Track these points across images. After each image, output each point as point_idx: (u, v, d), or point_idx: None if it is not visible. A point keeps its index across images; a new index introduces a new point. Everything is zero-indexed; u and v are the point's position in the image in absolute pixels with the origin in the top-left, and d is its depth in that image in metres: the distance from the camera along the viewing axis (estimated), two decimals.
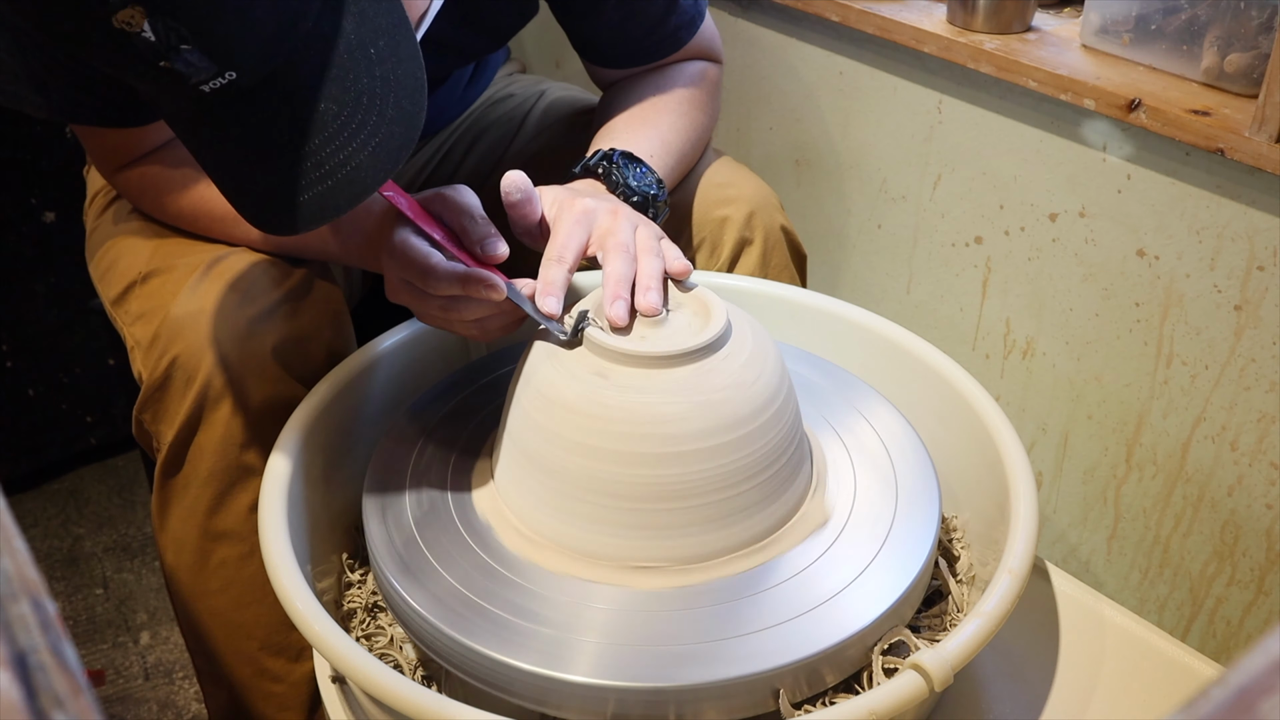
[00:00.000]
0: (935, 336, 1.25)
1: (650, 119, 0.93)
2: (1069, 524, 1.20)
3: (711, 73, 1.01)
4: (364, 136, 0.63)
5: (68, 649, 0.24)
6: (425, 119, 0.65)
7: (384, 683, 0.60)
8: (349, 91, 0.62)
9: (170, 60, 0.57)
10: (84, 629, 1.39)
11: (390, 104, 0.63)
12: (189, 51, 0.57)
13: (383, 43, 0.63)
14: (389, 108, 0.63)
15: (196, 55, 0.57)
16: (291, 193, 0.63)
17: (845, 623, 0.65)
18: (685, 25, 0.96)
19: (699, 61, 1.01)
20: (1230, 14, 0.93)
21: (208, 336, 0.80)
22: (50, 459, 1.59)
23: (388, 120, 0.63)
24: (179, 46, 0.56)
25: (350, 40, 0.62)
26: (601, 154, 0.86)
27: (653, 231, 0.77)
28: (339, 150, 0.63)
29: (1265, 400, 0.98)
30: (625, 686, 0.61)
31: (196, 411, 0.80)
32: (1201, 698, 0.23)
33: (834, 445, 0.80)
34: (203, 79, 0.59)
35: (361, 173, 0.63)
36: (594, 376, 0.69)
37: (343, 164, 0.63)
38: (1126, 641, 0.80)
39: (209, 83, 0.59)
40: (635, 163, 0.86)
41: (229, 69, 0.59)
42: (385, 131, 0.63)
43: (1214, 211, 0.97)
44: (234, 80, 0.60)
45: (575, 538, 0.69)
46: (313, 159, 0.62)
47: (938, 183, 1.20)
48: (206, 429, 0.81)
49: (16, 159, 1.39)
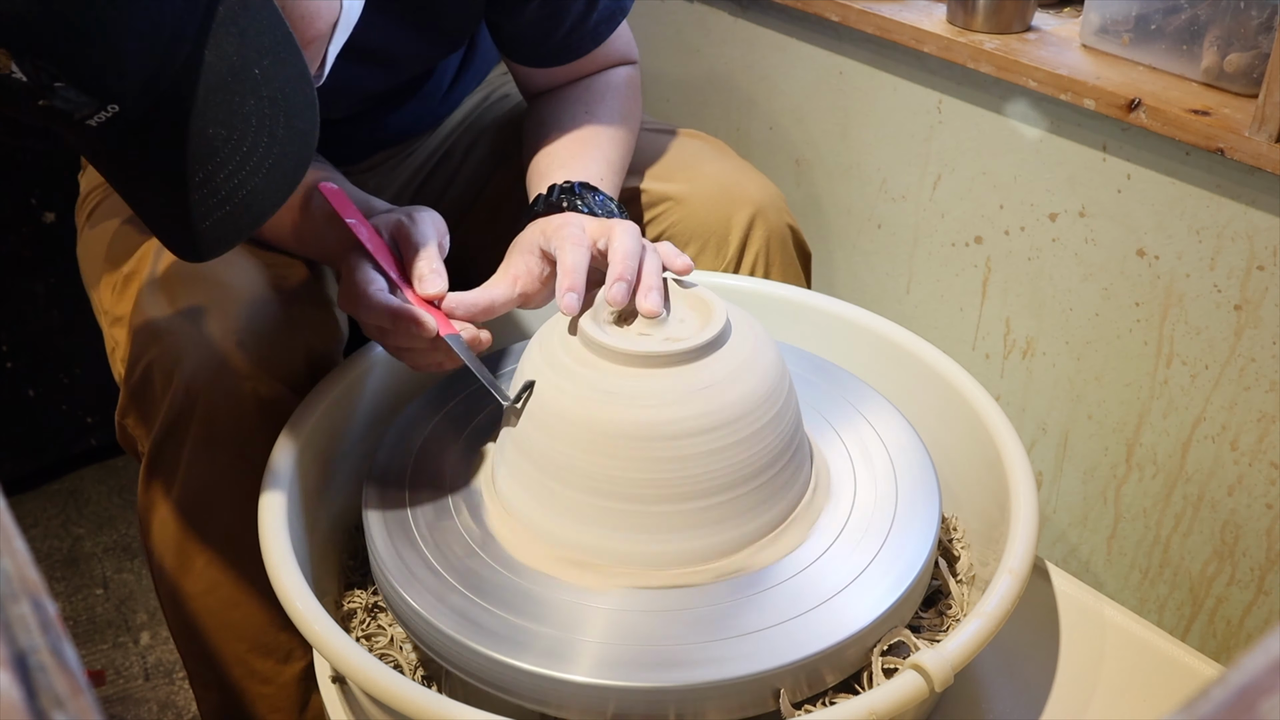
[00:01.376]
0: (935, 336, 1.25)
1: (591, 140, 0.93)
2: (1069, 524, 1.20)
3: (635, 77, 1.02)
4: (256, 159, 0.62)
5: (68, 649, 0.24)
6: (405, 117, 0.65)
7: (384, 683, 0.60)
8: (236, 114, 0.62)
9: (48, 98, 0.56)
10: (84, 629, 1.39)
11: (280, 124, 0.62)
12: (64, 88, 0.56)
13: (267, 62, 0.62)
14: (279, 128, 0.62)
15: (73, 91, 0.56)
16: (193, 220, 0.63)
17: (845, 623, 0.65)
18: (605, 21, 0.96)
19: (621, 68, 1.01)
20: (1230, 14, 0.93)
21: (183, 339, 0.79)
22: (50, 459, 1.59)
23: (279, 140, 0.62)
24: (52, 85, 0.56)
25: (233, 63, 0.61)
26: (559, 188, 0.84)
27: (635, 231, 0.77)
28: (233, 175, 0.62)
29: (1265, 400, 0.98)
30: (626, 686, 0.61)
31: (175, 414, 0.80)
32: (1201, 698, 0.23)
33: (834, 445, 0.80)
34: (85, 114, 0.58)
35: (258, 196, 0.62)
36: (594, 376, 0.69)
37: (238, 188, 0.62)
38: (1126, 641, 0.80)
39: (93, 117, 0.59)
40: (592, 191, 0.84)
41: (109, 102, 0.58)
42: (278, 152, 0.62)
43: (1214, 211, 0.97)
44: (118, 113, 0.59)
45: (575, 538, 0.69)
46: (208, 186, 0.62)
47: (938, 183, 1.20)
48: (186, 431, 0.80)
49: (16, 159, 1.39)
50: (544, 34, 0.94)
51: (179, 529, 0.83)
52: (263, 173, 0.62)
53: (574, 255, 0.74)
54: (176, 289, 0.82)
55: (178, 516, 0.83)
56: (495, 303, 0.77)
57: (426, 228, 0.77)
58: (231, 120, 0.62)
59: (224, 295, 0.82)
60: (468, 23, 0.95)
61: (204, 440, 0.80)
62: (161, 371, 0.80)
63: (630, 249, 0.73)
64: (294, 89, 0.63)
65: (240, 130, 0.62)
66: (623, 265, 0.72)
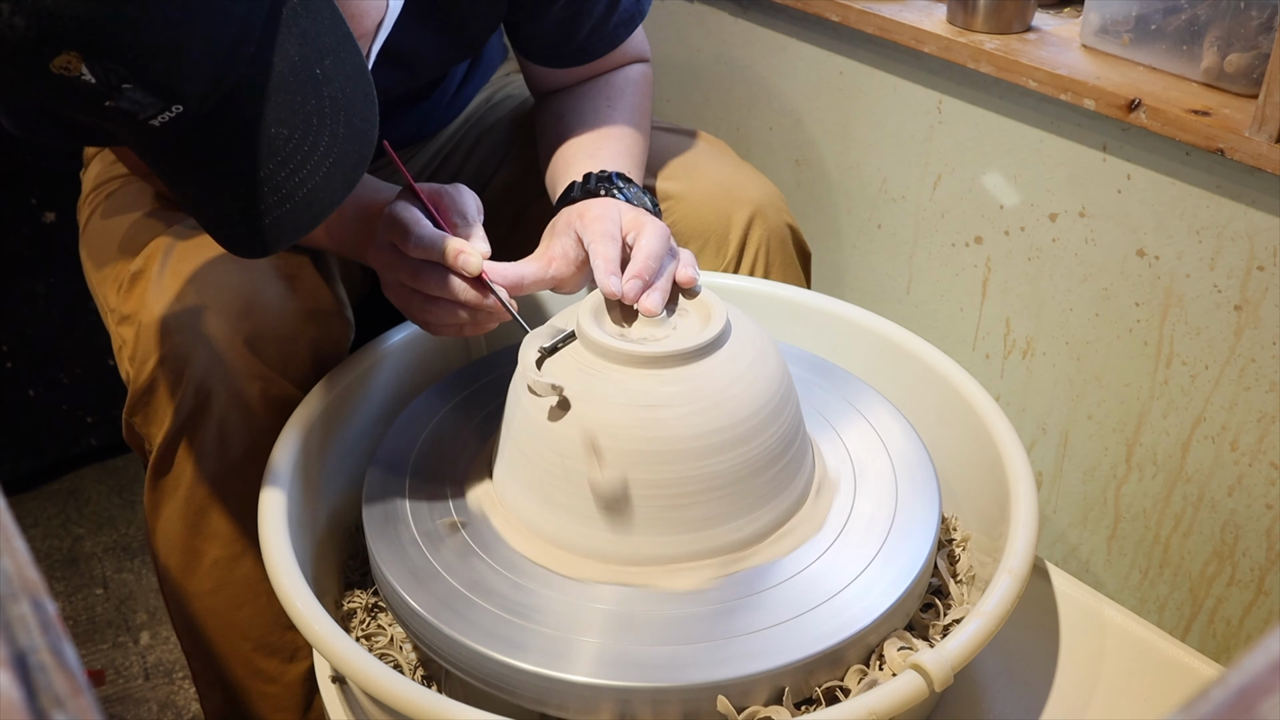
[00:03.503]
0: (935, 336, 1.25)
1: (614, 134, 0.93)
2: (1069, 524, 1.20)
3: (649, 74, 1.03)
4: (317, 158, 0.63)
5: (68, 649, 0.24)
6: (415, 119, 0.65)
7: (384, 683, 0.60)
8: (298, 114, 0.62)
9: (114, 99, 0.57)
10: (84, 629, 1.39)
11: (341, 123, 0.63)
12: (131, 90, 0.57)
13: (328, 61, 0.63)
14: (340, 126, 0.63)
15: (139, 93, 0.57)
16: (253, 217, 0.63)
17: (845, 623, 0.65)
18: (625, 23, 0.96)
19: (636, 65, 1.01)
20: (1230, 14, 0.93)
21: (192, 338, 0.80)
22: (50, 459, 1.59)
23: (340, 139, 0.63)
24: (120, 86, 0.56)
25: (294, 62, 0.62)
26: (596, 176, 0.84)
27: (668, 234, 0.78)
28: (294, 174, 0.62)
29: (1265, 400, 0.98)
30: (625, 686, 0.61)
31: (184, 414, 0.80)
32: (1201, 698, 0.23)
33: (834, 445, 0.80)
34: (149, 114, 0.59)
35: (319, 194, 0.63)
36: (594, 376, 0.69)
37: (299, 186, 0.63)
38: (1126, 641, 0.80)
39: (157, 117, 0.59)
40: (628, 182, 0.85)
41: (174, 103, 0.59)
42: (339, 151, 0.63)
43: (1214, 211, 0.97)
44: (181, 113, 0.59)
45: (575, 537, 0.69)
46: (269, 184, 0.62)
47: (938, 183, 1.20)
48: (195, 430, 0.80)
49: (16, 159, 1.39)
50: (564, 36, 0.95)
51: (185, 528, 0.83)
52: (324, 171, 0.63)
53: (606, 248, 0.75)
54: (185, 288, 0.82)
55: (184, 515, 0.83)
56: (525, 278, 0.76)
57: (469, 196, 0.78)
58: (293, 119, 0.62)
59: (232, 295, 0.82)
60: (489, 27, 0.96)
61: (213, 441, 0.80)
62: (171, 371, 0.80)
63: (656, 250, 0.74)
64: (354, 87, 0.63)
65: (302, 129, 0.62)
66: (643, 264, 0.73)
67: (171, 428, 0.80)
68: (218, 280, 0.83)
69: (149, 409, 0.82)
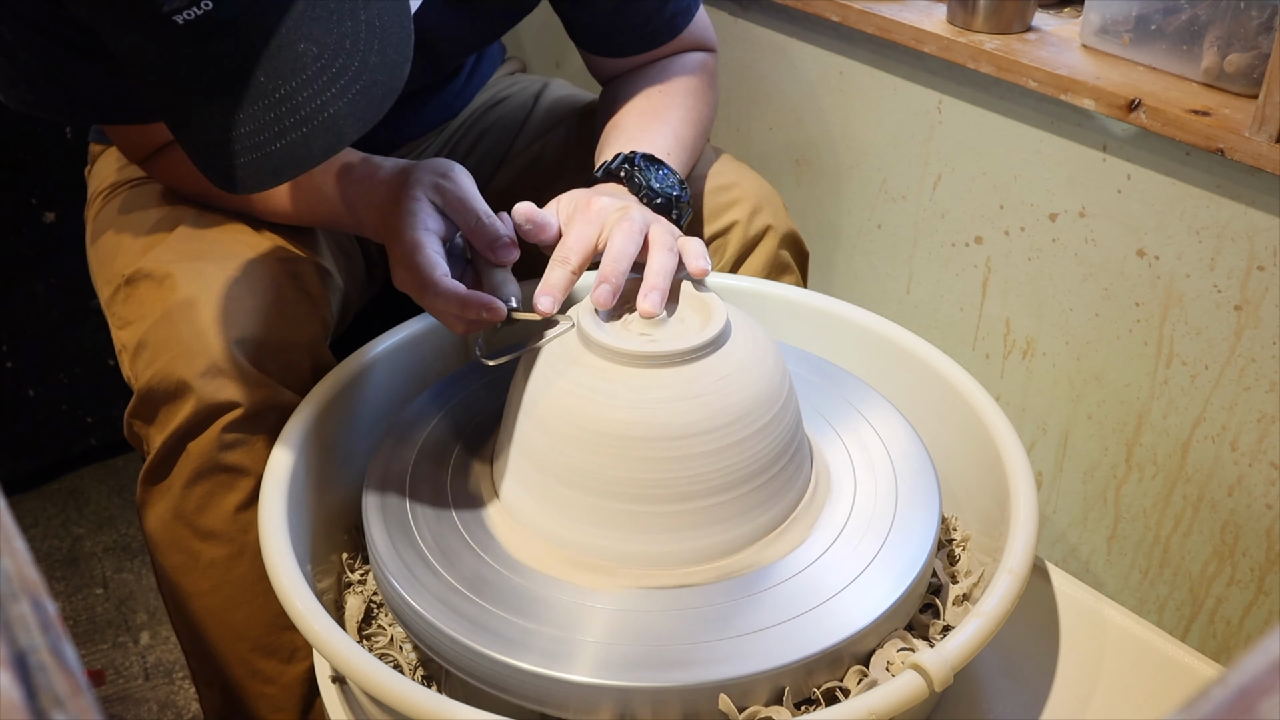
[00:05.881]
0: (935, 336, 1.25)
1: (660, 114, 0.93)
2: (1069, 524, 1.20)
3: (709, 62, 1.02)
4: (344, 82, 0.60)
5: (68, 649, 0.24)
6: (427, 112, 0.64)
7: (384, 683, 0.60)
8: (331, 34, 0.59)
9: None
10: (84, 629, 1.39)
11: (374, 51, 0.60)
12: None
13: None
14: (372, 55, 0.60)
15: None
16: (265, 140, 0.60)
17: (845, 623, 0.65)
18: (682, 12, 0.96)
19: (696, 52, 1.01)
20: (1230, 14, 0.93)
21: (193, 344, 0.79)
22: (50, 459, 1.59)
23: (370, 68, 0.60)
24: None
25: None
26: (622, 157, 0.84)
27: (667, 228, 0.77)
28: (317, 95, 0.59)
29: (1265, 400, 0.98)
30: (626, 686, 0.61)
31: (185, 420, 0.80)
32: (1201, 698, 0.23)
33: (834, 445, 0.80)
34: (175, 7, 0.57)
35: (339, 121, 0.60)
36: (593, 376, 0.69)
37: (319, 109, 0.59)
38: (1126, 641, 0.80)
39: (182, 13, 0.57)
40: (656, 164, 0.84)
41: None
42: (367, 79, 0.60)
43: (1214, 211, 0.97)
44: (210, 10, 0.57)
45: (576, 537, 0.69)
46: (289, 103, 0.59)
47: (938, 183, 1.20)
48: (194, 435, 0.80)
49: (17, 159, 1.39)
50: (618, 25, 0.95)
51: (181, 527, 0.83)
52: (348, 97, 0.60)
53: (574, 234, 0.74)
54: (189, 294, 0.82)
55: (181, 516, 0.83)
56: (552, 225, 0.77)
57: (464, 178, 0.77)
58: (325, 38, 0.59)
59: (233, 301, 0.82)
60: (514, 12, 0.95)
61: (210, 443, 0.80)
62: (170, 379, 0.80)
63: (623, 251, 0.73)
64: (392, 19, 0.61)
65: (332, 50, 0.60)
66: (610, 268, 0.72)
67: (172, 434, 0.80)
68: (221, 287, 0.83)
69: (149, 414, 0.82)
